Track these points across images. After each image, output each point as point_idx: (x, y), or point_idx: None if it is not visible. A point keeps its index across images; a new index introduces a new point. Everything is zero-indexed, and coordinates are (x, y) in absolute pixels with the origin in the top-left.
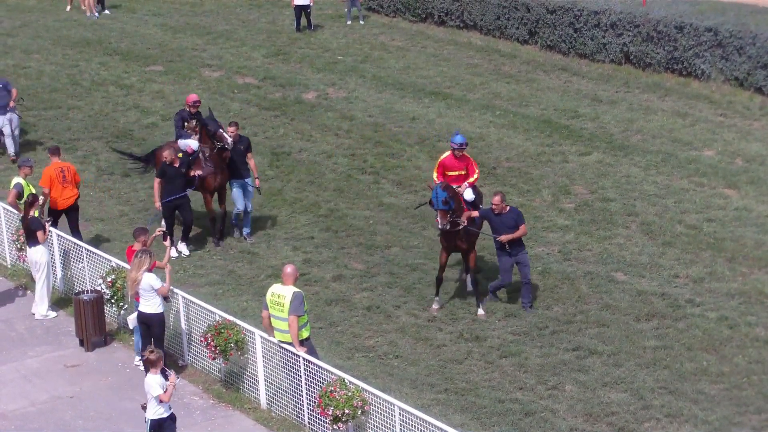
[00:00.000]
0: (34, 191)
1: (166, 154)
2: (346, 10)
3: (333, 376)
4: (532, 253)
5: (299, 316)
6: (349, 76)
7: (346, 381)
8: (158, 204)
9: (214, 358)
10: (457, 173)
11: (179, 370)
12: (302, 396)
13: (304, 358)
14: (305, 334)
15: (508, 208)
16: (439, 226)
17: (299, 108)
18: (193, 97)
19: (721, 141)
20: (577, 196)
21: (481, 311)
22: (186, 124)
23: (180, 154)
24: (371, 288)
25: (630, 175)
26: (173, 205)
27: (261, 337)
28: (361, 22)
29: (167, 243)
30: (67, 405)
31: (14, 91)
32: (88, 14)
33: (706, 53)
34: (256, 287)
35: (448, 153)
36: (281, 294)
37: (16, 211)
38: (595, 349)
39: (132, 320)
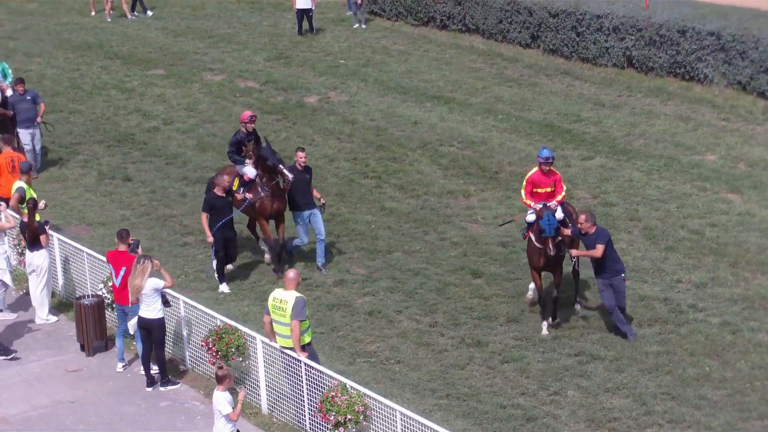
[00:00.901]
0: (35, 195)
1: (220, 185)
2: (349, 13)
3: (334, 382)
4: None
5: (301, 321)
6: (350, 80)
7: (348, 386)
8: (211, 238)
9: (215, 363)
10: (544, 190)
11: (180, 375)
12: (304, 401)
13: (305, 363)
14: (307, 339)
15: (594, 229)
16: (551, 253)
17: (301, 112)
18: (247, 113)
19: (724, 145)
20: (579, 201)
21: (545, 331)
22: (244, 148)
23: (236, 183)
24: (373, 293)
25: (632, 180)
26: (224, 236)
27: (262, 342)
28: (363, 26)
29: (139, 251)
30: (68, 410)
31: (42, 106)
32: (109, 19)
33: (708, 57)
34: (257, 292)
35: (535, 169)
36: (283, 299)
37: (18, 215)
38: (597, 354)
39: (132, 325)
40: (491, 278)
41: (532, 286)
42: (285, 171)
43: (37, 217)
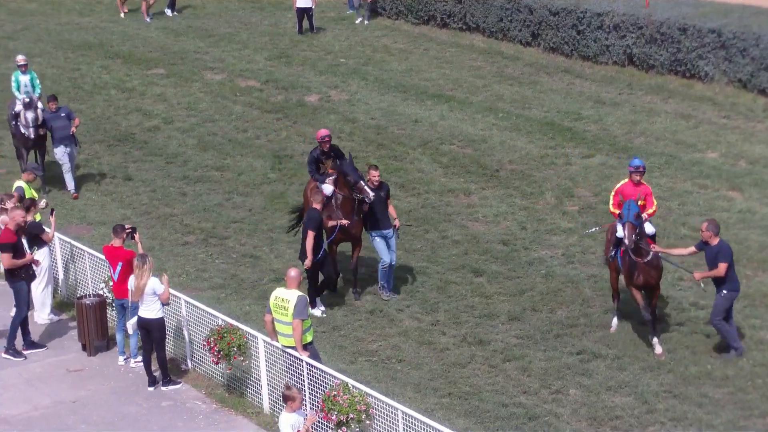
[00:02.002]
0: (36, 195)
1: (318, 200)
2: (350, 11)
3: (336, 381)
4: (535, 256)
5: (303, 320)
6: (351, 79)
7: (350, 385)
8: (310, 262)
9: (217, 363)
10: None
11: (182, 374)
12: (305, 400)
13: (307, 363)
14: (308, 338)
15: (716, 240)
16: (626, 241)
17: (302, 111)
18: (322, 132)
19: (725, 143)
20: (580, 199)
21: (659, 349)
22: (321, 165)
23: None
24: (374, 292)
25: None
26: (320, 257)
27: (264, 341)
28: (366, 22)
29: (137, 238)
30: (70, 409)
31: (76, 120)
32: (148, 19)
33: (709, 55)
34: (258, 291)
35: (625, 180)
36: (285, 298)
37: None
38: (599, 352)
39: (132, 325)
40: (492, 276)
41: (615, 321)
42: (367, 188)
43: (38, 217)
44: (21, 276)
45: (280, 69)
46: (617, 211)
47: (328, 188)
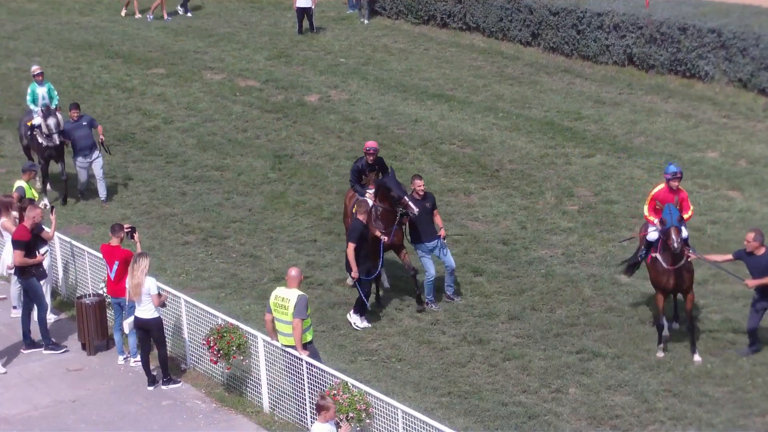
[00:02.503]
0: (36, 195)
1: (362, 211)
2: (350, 11)
3: (336, 380)
4: (535, 255)
5: (303, 320)
6: (351, 79)
7: (349, 384)
8: (356, 273)
9: (216, 362)
10: None
11: (181, 374)
12: (305, 399)
13: (307, 362)
14: (308, 337)
15: (763, 250)
16: (674, 245)
17: (301, 110)
18: (370, 144)
19: (725, 142)
20: (580, 199)
21: (697, 357)
22: (364, 177)
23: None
24: (374, 291)
25: (633, 177)
26: (366, 267)
27: (263, 340)
28: (366, 22)
29: (137, 238)
30: (70, 409)
31: (100, 128)
32: (150, 17)
33: (709, 55)
34: (258, 290)
35: (661, 186)
36: (285, 297)
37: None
38: (598, 351)
39: (128, 324)
40: (492, 276)
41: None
42: (411, 204)
43: None
44: (32, 273)
45: (280, 69)
46: (653, 218)
47: (368, 201)
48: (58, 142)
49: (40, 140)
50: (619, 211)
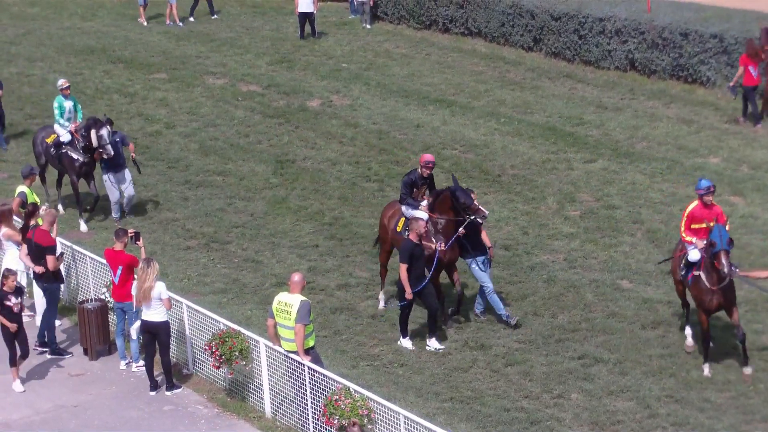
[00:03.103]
0: (38, 200)
1: (416, 230)
2: (352, 16)
3: (338, 385)
4: (536, 261)
5: (305, 325)
6: (353, 84)
7: (351, 390)
8: (410, 294)
9: (218, 367)
10: (705, 225)
11: (184, 379)
12: (307, 405)
13: (309, 367)
14: (311, 342)
15: None
16: (725, 270)
17: (303, 115)
18: (427, 157)
19: (727, 148)
20: (582, 204)
21: (748, 369)
22: (415, 190)
23: (401, 224)
24: (376, 296)
25: (635, 183)
26: (420, 290)
27: (266, 345)
28: (368, 27)
29: (141, 243)
30: (71, 414)
31: (131, 145)
32: (168, 23)
33: (711, 60)
34: (260, 296)
35: (695, 203)
36: (288, 302)
37: (20, 219)
38: (600, 357)
39: (135, 330)
40: (494, 281)
41: (689, 331)
42: (481, 207)
43: (39, 221)
44: (58, 277)
45: (282, 74)
46: (690, 238)
47: (422, 214)
48: (112, 153)
49: (74, 156)
50: (621, 217)
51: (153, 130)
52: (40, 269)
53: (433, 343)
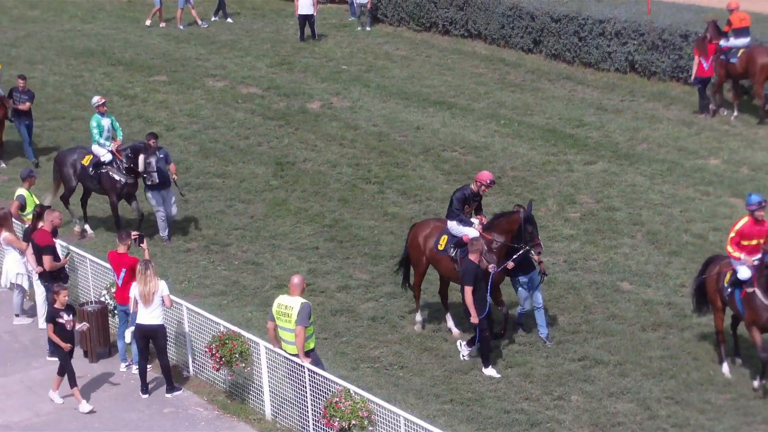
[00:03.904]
0: (38, 202)
1: (477, 250)
2: (352, 19)
3: (338, 387)
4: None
5: (306, 327)
6: (353, 86)
7: (351, 392)
8: (476, 318)
9: (218, 369)
10: (756, 242)
11: (183, 381)
12: (307, 407)
13: (309, 369)
14: (311, 345)
15: None
16: None
17: (303, 118)
18: (488, 175)
19: (727, 150)
20: (582, 206)
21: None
22: (467, 207)
23: (443, 241)
24: (376, 298)
25: (635, 184)
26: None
27: (266, 347)
28: (368, 29)
29: (144, 245)
30: (72, 416)
31: (173, 166)
32: (181, 27)
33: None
34: (260, 298)
35: (744, 219)
36: (288, 305)
37: (20, 222)
38: (600, 359)
39: (130, 334)
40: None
41: (726, 368)
42: (541, 242)
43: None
44: (60, 277)
45: (282, 76)
46: (738, 254)
47: (474, 232)
48: (157, 181)
49: (115, 177)
50: (621, 218)
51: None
52: (39, 269)
53: (492, 370)
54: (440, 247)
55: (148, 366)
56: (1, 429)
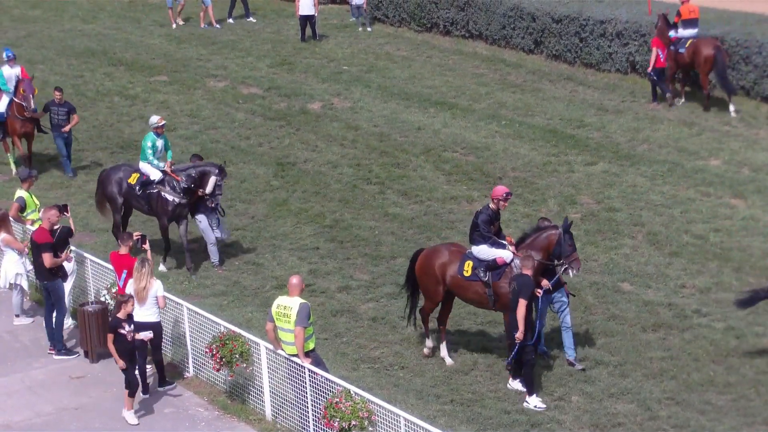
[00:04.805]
0: (38, 203)
1: (529, 265)
2: (353, 19)
3: (338, 387)
4: None
5: (305, 328)
6: (354, 86)
7: (352, 392)
8: (522, 334)
9: (218, 370)
10: None
11: (184, 381)
12: (308, 407)
13: (309, 370)
14: (311, 345)
15: None
16: None
17: (304, 118)
18: (504, 189)
19: (728, 150)
20: (583, 206)
21: None
22: (492, 226)
23: (468, 267)
24: (376, 299)
25: (636, 185)
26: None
27: (266, 348)
28: (369, 29)
29: (146, 246)
30: (72, 416)
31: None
32: (203, 25)
33: None
34: (261, 298)
35: None
36: (288, 305)
37: (20, 224)
38: (601, 359)
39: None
40: None
41: None
42: (578, 258)
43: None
44: (59, 275)
45: (283, 76)
46: None
47: (507, 253)
48: (218, 202)
49: (168, 197)
50: (622, 219)
51: None
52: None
53: (536, 399)
54: (466, 273)
55: (148, 366)
56: (1, 429)
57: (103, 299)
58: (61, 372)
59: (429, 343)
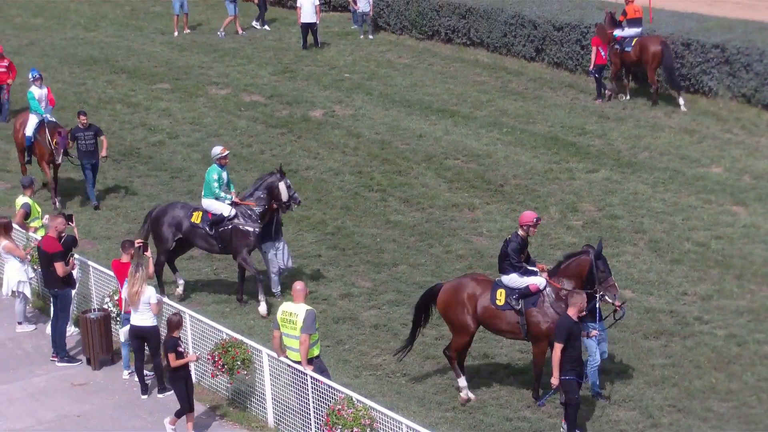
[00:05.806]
0: (40, 210)
1: (578, 305)
2: (355, 27)
3: (340, 395)
4: None
5: (311, 335)
6: (355, 94)
7: (354, 399)
8: (557, 379)
9: (214, 377)
10: None
11: None
12: (310, 414)
13: (311, 377)
14: (315, 351)
15: None
16: None
17: (306, 125)
18: (533, 215)
19: (729, 158)
20: (584, 214)
21: None
22: (523, 253)
23: (501, 296)
24: (378, 306)
25: (637, 193)
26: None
27: (268, 355)
28: (371, 37)
29: (148, 254)
30: (74, 424)
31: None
32: (220, 33)
33: (713, 70)
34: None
35: None
36: (293, 312)
37: (24, 231)
38: (603, 367)
39: (124, 333)
40: None
41: None
42: (616, 284)
43: (41, 227)
44: (70, 283)
45: (285, 84)
46: None
47: (540, 280)
48: (298, 203)
49: (248, 228)
50: (623, 226)
51: (156, 140)
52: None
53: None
54: (499, 302)
55: (149, 374)
56: None
57: (105, 306)
58: (64, 379)
59: (462, 382)
